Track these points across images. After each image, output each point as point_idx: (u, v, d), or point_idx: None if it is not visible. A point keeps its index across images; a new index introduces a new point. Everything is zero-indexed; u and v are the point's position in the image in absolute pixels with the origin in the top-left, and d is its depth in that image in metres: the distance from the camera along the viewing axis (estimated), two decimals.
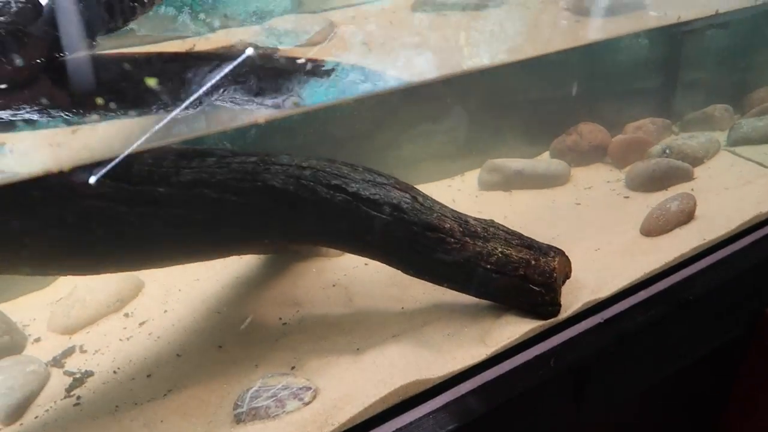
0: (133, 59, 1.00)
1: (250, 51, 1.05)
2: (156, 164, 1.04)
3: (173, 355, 1.23)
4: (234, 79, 1.02)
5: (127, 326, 1.34)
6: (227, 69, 0.97)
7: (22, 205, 0.93)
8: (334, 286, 1.39)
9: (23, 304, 1.46)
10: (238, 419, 1.03)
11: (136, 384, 1.17)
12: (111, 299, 1.38)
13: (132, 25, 1.01)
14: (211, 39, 1.11)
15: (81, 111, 0.91)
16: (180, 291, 1.43)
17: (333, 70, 1.05)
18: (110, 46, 0.99)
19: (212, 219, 1.06)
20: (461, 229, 1.17)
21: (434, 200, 1.19)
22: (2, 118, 0.89)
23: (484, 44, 1.28)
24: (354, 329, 1.26)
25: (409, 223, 1.12)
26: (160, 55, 1.01)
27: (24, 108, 0.92)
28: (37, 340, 1.33)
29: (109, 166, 0.86)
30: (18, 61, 0.90)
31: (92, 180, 0.90)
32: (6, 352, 1.26)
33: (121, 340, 1.30)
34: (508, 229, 1.25)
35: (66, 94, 0.94)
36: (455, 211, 1.21)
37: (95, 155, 0.89)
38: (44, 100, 0.92)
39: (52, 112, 0.92)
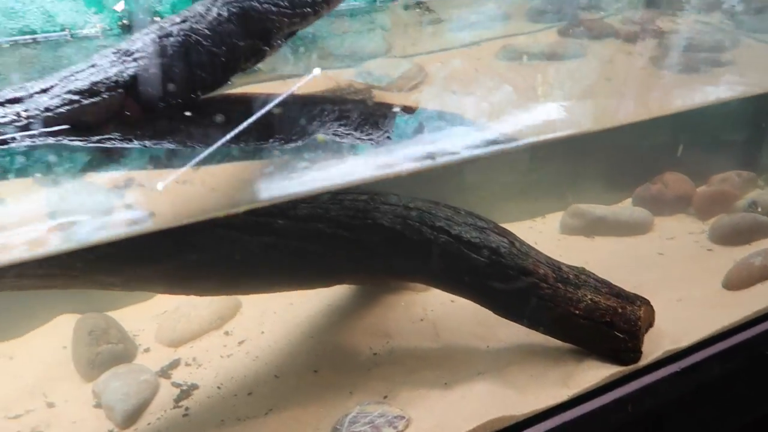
0: (255, 98, 1.11)
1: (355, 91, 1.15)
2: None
3: (271, 376, 1.31)
4: (339, 115, 1.11)
5: (227, 344, 1.43)
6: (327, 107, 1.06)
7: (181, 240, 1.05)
8: (422, 320, 1.45)
9: (129, 314, 1.57)
10: None
11: (238, 400, 1.25)
12: (213, 317, 1.48)
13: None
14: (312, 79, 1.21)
15: (210, 144, 1.02)
16: (275, 314, 1.52)
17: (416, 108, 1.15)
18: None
19: (323, 252, 1.15)
20: (554, 275, 1.22)
21: (530, 246, 1.24)
22: (147, 146, 1.00)
23: (578, 103, 1.33)
24: (442, 364, 1.31)
25: (505, 266, 1.18)
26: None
27: (166, 140, 1.03)
28: (147, 350, 1.44)
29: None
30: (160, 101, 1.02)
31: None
32: (120, 359, 1.37)
33: (222, 357, 1.39)
34: (598, 277, 1.29)
35: (201, 131, 1.05)
36: (549, 257, 1.26)
37: (221, 195, 0.98)
38: (182, 137, 1.04)
39: (188, 143, 1.03)
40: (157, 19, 1.78)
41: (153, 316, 1.54)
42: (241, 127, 0.95)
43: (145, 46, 1.02)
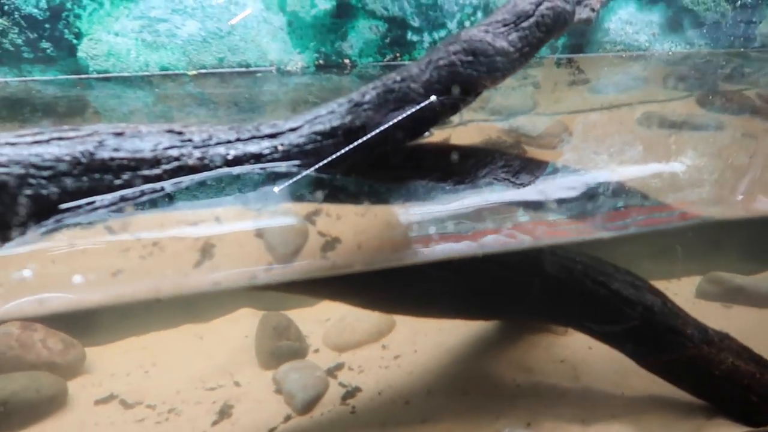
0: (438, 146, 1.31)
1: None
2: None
3: (425, 390, 1.49)
4: (502, 164, 1.29)
5: (384, 356, 1.63)
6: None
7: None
8: (562, 361, 1.58)
9: (300, 316, 1.81)
10: None
11: (396, 407, 1.44)
12: (373, 330, 1.69)
13: None
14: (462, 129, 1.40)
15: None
16: (426, 336, 1.70)
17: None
18: None
19: (492, 290, 1.32)
20: (700, 336, 1.32)
21: (679, 307, 1.35)
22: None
23: (721, 177, 1.42)
24: (580, 403, 1.43)
25: (656, 323, 1.30)
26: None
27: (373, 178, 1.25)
28: (316, 350, 1.67)
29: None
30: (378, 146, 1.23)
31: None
32: (295, 355, 1.61)
33: (380, 367, 1.59)
34: (741, 343, 1.38)
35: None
36: (696, 319, 1.36)
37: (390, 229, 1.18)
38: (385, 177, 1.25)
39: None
40: (346, 61, 2.06)
41: (318, 321, 1.77)
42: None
43: (372, 99, 1.24)
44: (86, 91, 1.71)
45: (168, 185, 1.03)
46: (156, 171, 1.04)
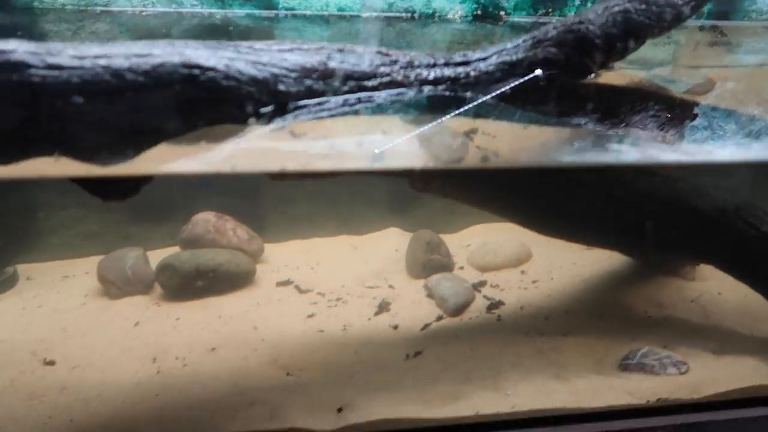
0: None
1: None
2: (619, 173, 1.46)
3: (563, 311, 1.65)
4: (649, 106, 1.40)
5: (523, 280, 1.81)
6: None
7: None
8: (692, 302, 1.69)
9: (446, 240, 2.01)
10: (624, 368, 1.40)
11: (537, 321, 1.61)
12: (512, 257, 1.86)
13: None
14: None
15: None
16: (561, 268, 1.86)
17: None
18: None
19: (642, 223, 1.45)
20: None
21: None
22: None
23: None
24: (710, 337, 1.55)
25: None
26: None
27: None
28: (461, 268, 1.86)
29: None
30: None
31: None
32: (443, 269, 1.81)
33: (519, 288, 1.77)
34: None
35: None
36: None
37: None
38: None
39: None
40: (502, 13, 2.19)
41: (460, 246, 1.96)
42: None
43: (554, 37, 1.38)
44: (273, 23, 1.94)
45: (378, 96, 1.23)
46: (372, 83, 1.23)
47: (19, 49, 0.86)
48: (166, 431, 1.15)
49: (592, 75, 1.46)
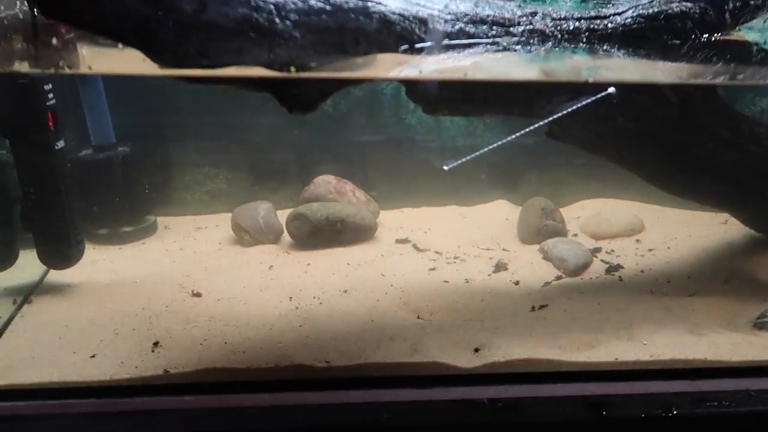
0: None
1: None
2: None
3: (685, 276, 1.64)
4: None
5: (638, 248, 1.81)
6: None
7: None
8: None
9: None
10: (760, 327, 1.39)
11: (659, 283, 1.61)
12: (627, 226, 1.87)
13: None
14: None
15: None
16: (676, 239, 1.85)
17: None
18: None
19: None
20: None
21: None
22: None
23: None
24: None
25: None
26: None
27: None
28: (575, 235, 1.88)
29: None
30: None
31: None
32: (559, 234, 1.83)
33: (635, 255, 1.77)
34: None
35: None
36: None
37: None
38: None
39: None
40: None
41: (571, 218, 1.98)
42: None
43: None
44: None
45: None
46: (516, 29, 1.28)
47: None
48: (313, 357, 1.22)
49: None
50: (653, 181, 1.56)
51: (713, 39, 1.40)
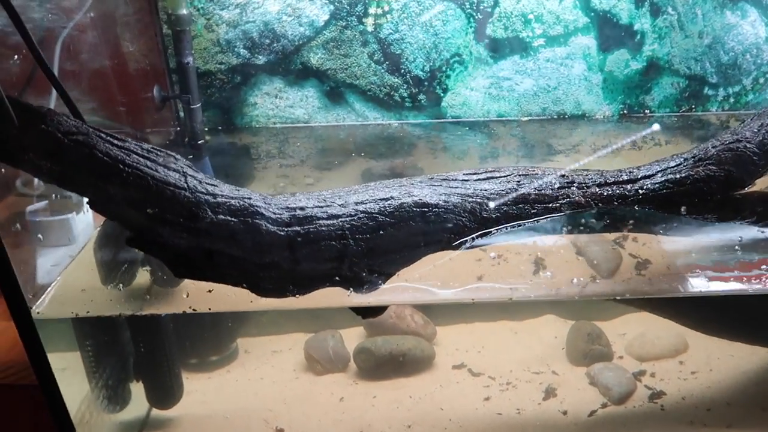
0: None
1: None
2: None
3: (724, 402, 1.76)
4: None
5: (682, 371, 1.93)
6: None
7: None
8: None
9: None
10: None
11: (699, 412, 1.73)
12: (670, 347, 1.99)
13: None
14: None
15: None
16: (718, 359, 1.96)
17: None
18: None
19: None
20: None
21: None
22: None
23: None
24: None
25: None
26: None
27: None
28: (620, 357, 2.02)
29: None
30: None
31: None
32: (604, 358, 1.97)
33: (679, 378, 1.89)
34: None
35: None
36: None
37: None
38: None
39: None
40: (646, 111, 2.38)
41: (617, 335, 2.12)
42: None
43: (713, 155, 1.54)
44: (439, 132, 2.26)
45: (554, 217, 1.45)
46: (555, 204, 1.46)
47: (308, 205, 1.18)
48: None
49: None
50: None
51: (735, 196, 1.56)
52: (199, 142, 1.96)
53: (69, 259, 1.34)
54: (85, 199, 0.94)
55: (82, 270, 1.30)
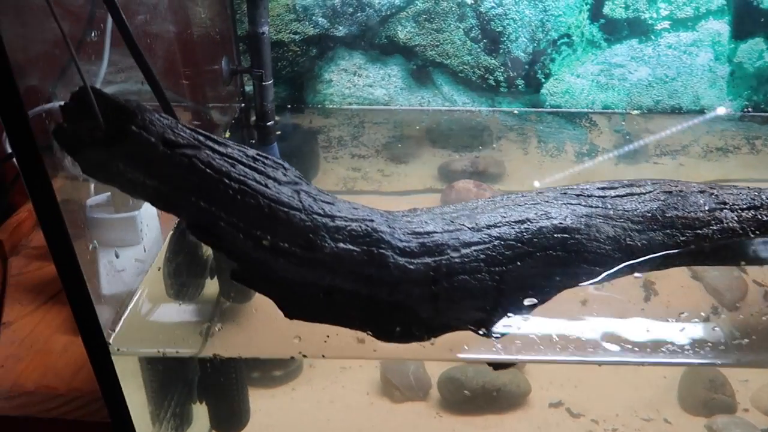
0: None
1: None
2: None
3: None
4: None
5: None
6: None
7: None
8: None
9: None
10: None
11: None
12: None
13: None
14: None
15: None
16: None
17: None
18: None
19: None
20: None
21: None
22: None
23: None
24: None
25: None
26: None
27: None
28: (746, 410, 1.75)
29: None
30: None
31: None
32: (726, 410, 1.70)
33: None
34: None
35: None
36: None
37: None
38: None
39: None
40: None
41: (740, 381, 1.84)
42: None
43: None
44: (534, 123, 2.00)
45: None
46: (706, 231, 1.18)
47: (437, 230, 0.95)
48: None
49: None
50: None
51: None
52: (268, 123, 1.74)
53: (136, 264, 1.14)
54: None
55: (157, 285, 1.11)
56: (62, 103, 0.70)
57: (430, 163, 1.80)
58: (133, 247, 1.12)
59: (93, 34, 0.93)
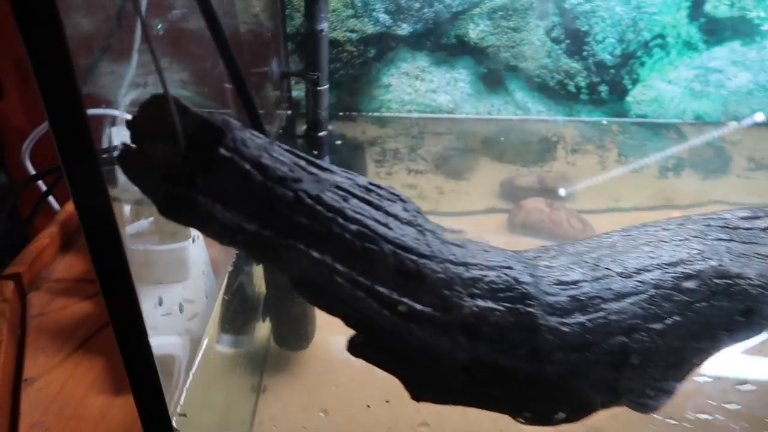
0: None
1: None
2: None
3: None
4: None
5: None
6: None
7: None
8: None
9: None
10: None
11: None
12: None
13: None
14: None
15: None
16: None
17: None
18: None
19: None
20: None
21: None
22: None
23: None
24: None
25: None
26: None
27: None
28: None
29: None
30: None
31: None
32: None
33: None
34: None
35: None
36: None
37: None
38: None
39: None
40: None
41: None
42: None
43: None
44: (616, 135, 1.79)
45: None
46: None
47: (585, 278, 0.76)
48: None
49: None
50: None
51: None
52: (320, 134, 1.56)
53: (189, 308, 0.96)
54: None
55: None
56: (127, 114, 0.53)
57: (489, 179, 1.61)
58: (180, 284, 0.93)
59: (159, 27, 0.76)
